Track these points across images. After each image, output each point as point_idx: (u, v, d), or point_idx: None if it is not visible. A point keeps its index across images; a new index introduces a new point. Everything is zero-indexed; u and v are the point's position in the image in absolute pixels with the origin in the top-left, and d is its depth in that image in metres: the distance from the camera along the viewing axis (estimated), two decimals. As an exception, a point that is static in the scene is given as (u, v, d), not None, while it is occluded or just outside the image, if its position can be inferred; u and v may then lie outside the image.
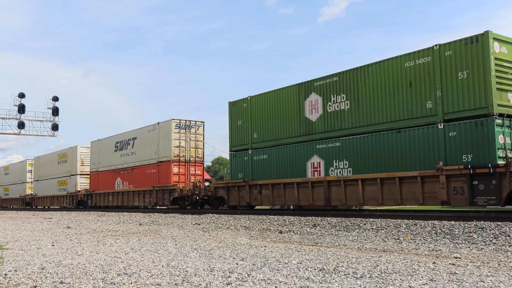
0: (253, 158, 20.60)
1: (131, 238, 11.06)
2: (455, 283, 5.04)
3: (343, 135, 17.00)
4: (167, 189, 26.37)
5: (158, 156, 27.39)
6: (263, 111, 20.44)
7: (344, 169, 16.82)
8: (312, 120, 18.19)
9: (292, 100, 19.08)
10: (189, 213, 21.33)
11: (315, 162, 17.85)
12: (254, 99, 20.93)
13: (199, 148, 27.52)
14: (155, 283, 5.27)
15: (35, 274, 6.00)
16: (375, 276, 5.49)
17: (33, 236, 12.35)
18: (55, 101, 42.85)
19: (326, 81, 17.80)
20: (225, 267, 6.26)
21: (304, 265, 6.35)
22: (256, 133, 20.58)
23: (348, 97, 16.95)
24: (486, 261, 6.69)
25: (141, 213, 23.92)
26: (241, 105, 21.58)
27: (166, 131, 26.87)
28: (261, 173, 20.12)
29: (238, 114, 21.72)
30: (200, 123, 27.70)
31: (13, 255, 8.10)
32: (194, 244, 9.42)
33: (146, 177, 28.42)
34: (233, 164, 21.85)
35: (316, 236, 10.99)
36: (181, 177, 26.53)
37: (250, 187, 20.45)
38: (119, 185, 31.58)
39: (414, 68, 14.99)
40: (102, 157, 34.14)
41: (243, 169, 21.05)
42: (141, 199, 28.89)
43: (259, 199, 19.99)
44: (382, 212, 15.93)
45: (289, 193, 18.58)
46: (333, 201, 17.04)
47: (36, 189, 45.58)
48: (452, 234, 9.96)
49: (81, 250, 8.58)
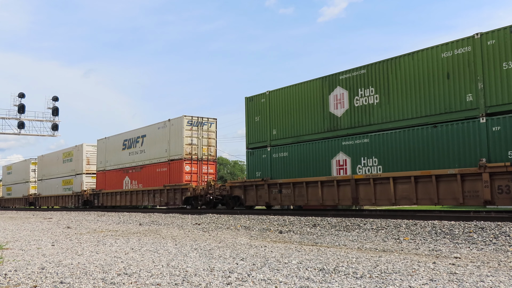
0: (272, 156, 19.74)
1: (131, 238, 11.06)
2: (455, 283, 5.04)
3: (372, 130, 16.19)
4: (179, 188, 25.36)
5: (169, 154, 26.44)
6: (283, 107, 19.55)
7: (373, 167, 15.98)
8: (337, 115, 17.35)
9: (315, 94, 18.21)
10: (189, 213, 21.34)
11: (340, 160, 17.02)
12: (273, 94, 20.08)
13: (212, 146, 26.44)
14: (155, 283, 5.27)
15: (35, 274, 5.99)
16: (375, 276, 5.49)
17: (33, 236, 12.35)
18: (55, 101, 42.87)
19: (353, 74, 16.95)
20: (225, 267, 6.26)
21: (304, 265, 6.35)
22: (276, 129, 19.70)
23: (378, 91, 16.12)
24: (486, 261, 6.69)
25: (141, 213, 23.92)
26: (258, 100, 20.70)
27: (178, 128, 25.91)
28: (281, 171, 19.25)
29: (255, 110, 20.82)
30: (213, 120, 26.63)
31: (13, 255, 8.10)
32: (194, 244, 9.42)
33: (156, 176, 27.45)
34: (250, 162, 20.88)
35: (316, 236, 10.99)
36: (193, 176, 25.48)
37: (269, 186, 19.56)
38: (127, 185, 30.59)
39: (452, 59, 14.18)
40: (109, 156, 33.19)
41: (261, 167, 20.16)
42: (151, 199, 27.86)
43: (278, 199, 19.14)
44: (382, 212, 15.92)
45: (312, 193, 17.72)
46: (361, 201, 16.21)
47: (40, 189, 44.74)
48: (452, 234, 9.96)
49: (81, 250, 8.58)
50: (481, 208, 20.30)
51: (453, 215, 13.22)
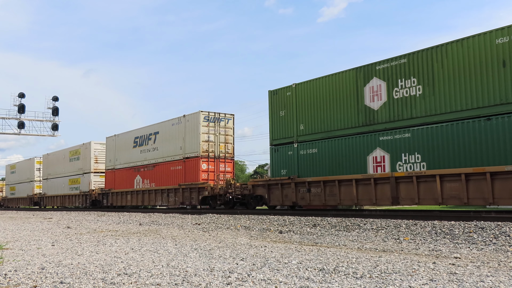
0: (299, 153, 18.56)
1: (131, 238, 11.06)
2: (455, 283, 5.04)
3: (415, 124, 15.07)
4: (196, 187, 24.14)
5: (184, 152, 25.22)
6: (311, 100, 18.35)
7: (416, 164, 14.86)
8: (374, 108, 16.23)
9: (348, 86, 17.07)
10: (189, 213, 21.32)
11: (378, 156, 15.90)
12: (300, 87, 18.89)
13: (229, 143, 25.17)
14: (155, 283, 5.27)
15: (35, 274, 5.99)
16: (375, 276, 5.49)
17: (33, 236, 12.34)
18: (55, 101, 42.82)
19: (392, 64, 15.84)
20: (225, 267, 6.26)
21: (304, 265, 6.35)
22: (303, 124, 18.53)
23: (421, 81, 14.97)
24: (486, 261, 6.69)
25: (141, 213, 23.90)
26: (283, 94, 19.55)
27: (194, 125, 24.68)
28: (309, 169, 18.09)
29: (280, 104, 19.66)
30: (230, 116, 25.38)
31: (13, 255, 8.09)
32: (194, 244, 9.42)
33: (170, 175, 26.22)
34: (274, 160, 19.71)
35: (316, 236, 10.99)
36: (210, 175, 24.28)
37: (297, 185, 18.41)
38: (138, 184, 29.34)
39: (509, 45, 13.09)
40: (119, 154, 31.93)
41: (287, 164, 19.01)
42: (164, 199, 26.64)
43: (307, 198, 17.99)
44: (382, 212, 15.91)
45: (346, 192, 16.69)
46: (402, 200, 15.19)
47: (45, 188, 43.55)
48: (452, 234, 9.96)
49: (81, 250, 8.58)
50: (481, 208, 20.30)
51: (453, 215, 13.23)
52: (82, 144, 37.01)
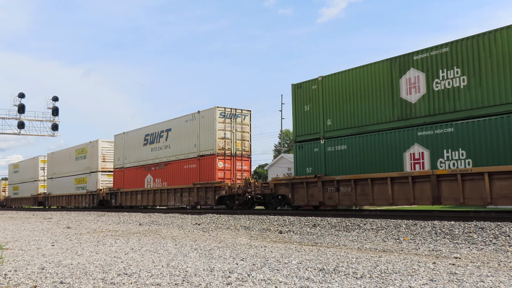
0: (326, 149, 17.55)
1: (131, 238, 11.06)
2: (455, 283, 5.04)
3: (458, 118, 14.04)
4: (212, 186, 22.99)
5: (199, 150, 24.07)
6: (339, 93, 17.33)
7: (460, 161, 13.85)
8: (411, 101, 15.23)
9: (382, 78, 16.07)
10: (189, 213, 21.30)
11: (416, 153, 14.90)
12: (327, 80, 17.84)
13: (246, 140, 24.02)
14: (155, 283, 5.26)
15: (35, 274, 5.99)
16: (375, 276, 5.49)
17: (33, 236, 12.34)
18: (55, 101, 42.82)
19: (432, 54, 14.81)
20: (225, 267, 6.26)
21: (304, 265, 6.35)
22: (331, 119, 17.51)
23: (465, 71, 13.94)
24: (486, 261, 6.69)
25: (141, 213, 23.89)
26: (308, 87, 18.45)
27: (209, 121, 23.51)
28: (337, 167, 17.11)
29: (305, 98, 18.55)
30: (247, 112, 24.20)
31: (13, 255, 8.09)
32: (194, 244, 9.42)
33: (184, 174, 25.08)
34: (298, 157, 18.64)
35: (316, 236, 10.98)
36: (227, 173, 23.15)
37: (324, 184, 17.38)
38: (149, 183, 28.16)
39: None
40: (128, 152, 30.75)
41: (313, 162, 17.96)
42: (177, 198, 25.48)
43: (336, 198, 17.02)
44: (382, 212, 15.89)
45: (380, 191, 15.69)
46: (445, 200, 14.18)
47: (50, 188, 42.37)
48: (452, 234, 9.96)
49: (81, 250, 8.58)
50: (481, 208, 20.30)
51: (453, 215, 13.22)
52: (89, 142, 35.88)
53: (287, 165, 47.10)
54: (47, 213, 30.63)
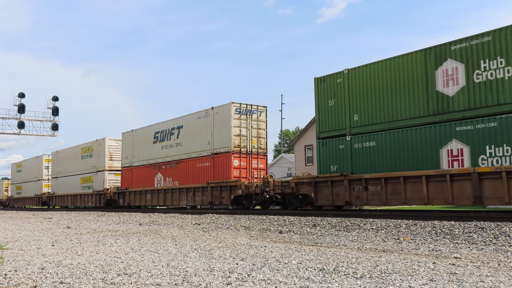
0: (353, 146, 16.73)
1: (131, 238, 11.06)
2: (455, 283, 5.04)
3: (503, 112, 13.21)
4: (227, 185, 22.13)
5: (213, 147, 23.24)
6: (368, 87, 16.50)
7: (505, 157, 13.11)
8: (448, 94, 14.37)
9: (415, 70, 15.27)
10: (189, 213, 21.30)
11: (454, 149, 14.07)
12: (353, 73, 17.02)
13: (262, 138, 23.20)
14: (155, 283, 5.27)
15: (35, 274, 5.99)
16: (375, 276, 5.49)
17: (33, 236, 12.34)
18: (55, 101, 42.81)
19: (472, 43, 14.03)
20: (225, 267, 6.26)
21: (304, 265, 6.35)
22: (358, 114, 16.67)
23: (510, 62, 13.20)
24: (486, 261, 6.69)
25: (141, 213, 23.89)
26: (333, 81, 17.62)
27: (224, 117, 22.67)
28: (366, 164, 16.30)
29: (329, 92, 17.74)
30: (263, 108, 23.40)
31: (13, 255, 8.09)
32: (194, 244, 9.42)
33: (197, 172, 24.25)
34: (322, 155, 17.80)
35: (316, 236, 10.99)
36: (242, 172, 22.29)
37: (351, 183, 16.61)
38: (159, 182, 27.36)
39: None
40: (137, 150, 29.87)
41: (338, 160, 17.18)
42: (190, 198, 24.63)
43: (364, 198, 16.23)
44: (382, 212, 15.89)
45: (413, 190, 14.89)
46: (487, 200, 13.42)
47: (55, 187, 41.52)
48: (452, 234, 9.96)
49: (81, 250, 8.58)
50: (481, 208, 20.31)
51: (453, 215, 13.22)
52: (95, 140, 35.14)
53: (287, 165, 47.12)
54: (47, 213, 30.63)
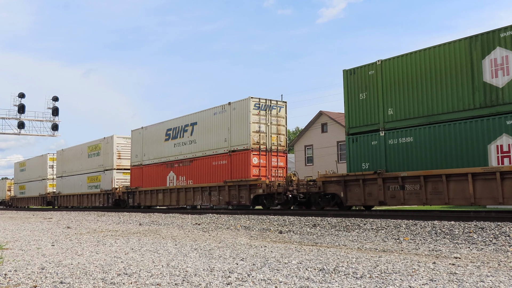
0: (387, 142, 15.74)
1: (131, 238, 11.06)
2: (455, 283, 5.04)
3: None
4: (246, 184, 21.14)
5: (230, 145, 22.28)
6: (404, 79, 15.54)
7: None
8: (498, 85, 13.44)
9: (458, 60, 14.32)
10: (189, 213, 21.30)
11: (504, 145, 13.15)
12: (387, 64, 16.01)
13: (281, 134, 22.25)
14: (155, 283, 5.27)
15: (35, 274, 5.99)
16: (375, 276, 5.49)
17: (33, 236, 12.34)
18: (55, 101, 42.77)
19: None
20: (225, 267, 6.26)
21: (304, 265, 6.35)
22: (392, 108, 15.67)
23: None
24: (486, 261, 6.69)
25: (141, 213, 23.90)
26: (364, 73, 16.67)
27: (242, 113, 21.69)
28: (402, 161, 15.33)
29: (359, 85, 16.78)
30: (282, 104, 22.53)
31: (13, 255, 8.09)
32: (194, 244, 9.42)
33: (212, 171, 23.28)
34: (352, 151, 16.85)
35: (316, 236, 10.99)
36: (262, 170, 21.29)
37: (385, 181, 15.60)
38: (172, 181, 26.32)
39: None
40: (147, 148, 28.87)
41: (370, 157, 16.22)
42: (205, 198, 23.64)
43: (400, 197, 15.20)
44: (382, 212, 15.89)
45: (457, 189, 13.89)
46: None
47: (60, 187, 40.60)
48: (452, 234, 9.96)
49: (81, 250, 8.58)
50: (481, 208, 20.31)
51: (453, 215, 13.23)
52: (103, 138, 34.13)
53: (289, 165, 47.12)
54: (47, 213, 30.63)
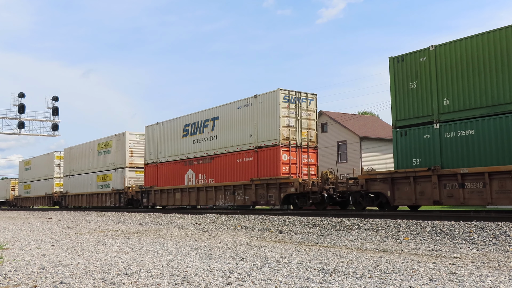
0: (442, 136, 14.46)
1: (131, 238, 11.06)
2: (455, 283, 5.04)
3: None
4: (276, 183, 19.75)
5: (256, 140, 20.89)
6: (462, 65, 14.26)
7: None
8: None
9: None
10: (189, 213, 21.29)
11: None
12: (442, 50, 14.70)
13: (312, 129, 20.88)
14: (155, 283, 5.27)
15: (35, 274, 5.99)
16: (375, 276, 5.49)
17: (33, 236, 12.35)
18: (55, 101, 42.68)
19: None
20: (225, 267, 6.26)
21: (304, 265, 6.35)
22: (449, 98, 14.40)
23: None
24: (486, 261, 6.69)
25: (141, 213, 23.89)
26: (414, 60, 15.43)
27: (271, 106, 20.36)
28: (461, 157, 14.08)
29: (409, 74, 15.50)
30: (312, 96, 21.07)
31: (13, 255, 8.09)
32: (194, 244, 9.42)
33: (236, 168, 21.92)
34: (400, 146, 15.56)
35: (316, 236, 10.99)
36: (292, 167, 19.96)
37: (441, 178, 14.23)
38: (191, 179, 24.90)
39: None
40: (163, 145, 27.52)
41: (422, 152, 14.93)
42: (229, 197, 22.19)
43: (459, 196, 13.86)
44: (382, 212, 15.89)
45: None
46: None
47: (68, 186, 39.35)
48: (452, 234, 9.96)
49: (81, 250, 8.58)
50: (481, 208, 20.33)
51: (453, 215, 13.22)
52: (114, 135, 32.81)
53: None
54: (47, 213, 30.63)
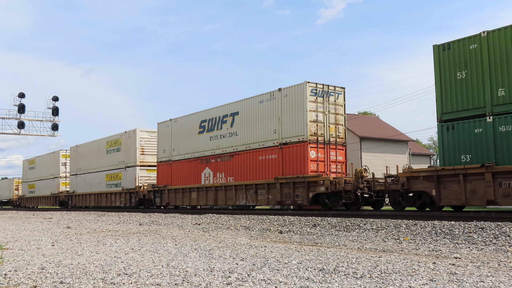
0: (497, 129, 13.47)
1: (131, 238, 11.06)
2: (455, 283, 5.04)
3: None
4: (303, 181, 18.50)
5: (281, 136, 19.69)
6: None
7: None
8: None
9: None
10: (189, 213, 21.28)
11: None
12: (496, 36, 13.65)
13: (340, 125, 19.68)
14: (155, 283, 5.27)
15: (35, 274, 5.99)
16: (375, 276, 5.49)
17: (33, 236, 12.35)
18: (55, 101, 42.65)
19: None
20: (225, 267, 6.26)
21: (304, 265, 6.35)
22: (504, 88, 13.41)
23: None
24: (486, 261, 6.69)
25: (141, 213, 23.89)
26: (463, 47, 14.38)
27: (297, 100, 19.09)
28: None
29: (457, 62, 14.49)
30: (340, 90, 19.86)
31: (13, 255, 8.09)
32: (194, 244, 9.42)
33: (259, 166, 20.69)
34: (447, 141, 14.56)
35: (316, 236, 10.99)
36: (320, 165, 18.71)
37: (495, 176, 13.19)
38: (208, 178, 23.69)
39: None
40: (177, 142, 26.29)
41: (473, 147, 13.94)
42: (250, 197, 20.91)
43: None
44: (382, 212, 15.88)
45: None
46: None
47: (74, 185, 38.26)
48: (452, 234, 9.96)
49: (81, 250, 8.58)
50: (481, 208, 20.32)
51: (453, 215, 13.22)
52: (124, 132, 31.65)
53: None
54: (47, 213, 30.62)
